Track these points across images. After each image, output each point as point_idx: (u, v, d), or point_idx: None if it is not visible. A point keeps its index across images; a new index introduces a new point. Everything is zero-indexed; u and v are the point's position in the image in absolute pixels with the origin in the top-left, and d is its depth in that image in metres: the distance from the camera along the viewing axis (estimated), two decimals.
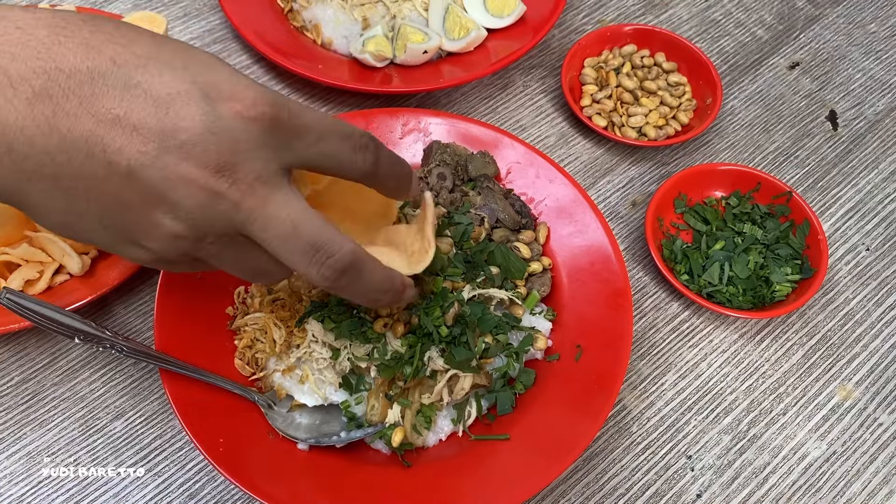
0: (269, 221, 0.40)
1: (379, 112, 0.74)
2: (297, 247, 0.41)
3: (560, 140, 0.83)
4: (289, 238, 0.41)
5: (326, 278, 0.43)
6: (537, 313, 0.66)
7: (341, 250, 0.42)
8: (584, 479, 0.63)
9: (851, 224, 0.79)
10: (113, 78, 0.37)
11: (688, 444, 0.65)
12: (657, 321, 0.72)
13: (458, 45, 0.82)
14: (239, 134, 0.39)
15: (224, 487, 0.61)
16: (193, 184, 0.38)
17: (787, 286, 0.70)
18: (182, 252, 0.41)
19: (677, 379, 0.69)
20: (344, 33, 0.83)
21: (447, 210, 0.68)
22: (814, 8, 0.96)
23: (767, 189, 0.75)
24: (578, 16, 0.93)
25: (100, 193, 0.38)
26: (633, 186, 0.80)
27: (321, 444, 0.59)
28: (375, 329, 0.59)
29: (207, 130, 0.38)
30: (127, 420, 0.64)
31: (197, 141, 0.38)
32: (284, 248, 0.41)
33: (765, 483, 0.64)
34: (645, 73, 0.85)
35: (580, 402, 0.59)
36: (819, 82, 0.89)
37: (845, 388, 0.69)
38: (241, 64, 0.86)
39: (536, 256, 0.68)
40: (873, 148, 0.84)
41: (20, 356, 0.66)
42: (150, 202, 0.38)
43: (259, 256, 0.43)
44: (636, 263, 0.75)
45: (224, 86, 0.39)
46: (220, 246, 0.41)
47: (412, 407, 0.59)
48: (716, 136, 0.84)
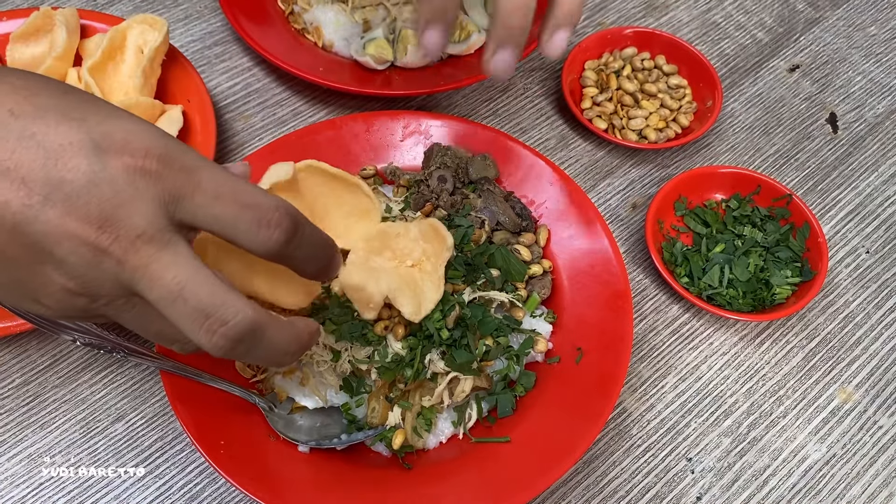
0: (153, 283, 0.37)
1: (380, 115, 0.75)
2: (184, 312, 0.38)
3: (560, 142, 0.83)
4: (174, 301, 0.37)
5: (220, 348, 0.39)
6: (538, 316, 0.66)
7: (236, 317, 0.38)
8: (584, 481, 0.63)
9: (851, 227, 0.79)
10: (8, 129, 0.36)
11: (688, 447, 0.65)
12: (657, 324, 0.72)
13: (459, 47, 0.83)
14: (123, 186, 0.36)
15: (225, 489, 0.61)
16: (76, 239, 0.36)
17: (788, 289, 0.70)
18: (82, 308, 0.39)
19: (677, 381, 0.69)
20: (345, 36, 0.83)
21: (447, 213, 0.68)
22: (814, 10, 0.96)
23: (768, 192, 0.75)
24: None
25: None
26: (633, 189, 0.80)
27: (322, 447, 0.59)
28: (376, 331, 0.59)
29: (91, 183, 0.36)
30: (128, 422, 0.64)
31: (80, 193, 0.36)
32: (172, 313, 0.38)
33: (765, 485, 0.64)
34: (645, 75, 0.85)
35: (580, 405, 0.60)
36: (819, 85, 0.89)
37: (845, 391, 0.69)
38: (242, 66, 0.86)
39: (537, 259, 0.68)
40: (873, 151, 0.84)
41: (21, 359, 0.66)
42: (39, 258, 0.37)
43: (159, 319, 0.40)
44: (636, 266, 0.75)
45: (117, 136, 0.37)
46: (117, 305, 0.39)
47: (413, 409, 0.60)
48: (716, 138, 0.84)
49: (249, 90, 0.85)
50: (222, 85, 0.85)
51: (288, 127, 0.82)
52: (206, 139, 0.71)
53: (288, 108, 0.84)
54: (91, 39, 0.76)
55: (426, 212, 0.68)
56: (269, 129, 0.82)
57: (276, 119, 0.83)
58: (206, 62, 0.86)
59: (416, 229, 0.60)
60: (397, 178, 0.72)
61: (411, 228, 0.60)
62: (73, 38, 0.73)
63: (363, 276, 0.55)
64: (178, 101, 0.75)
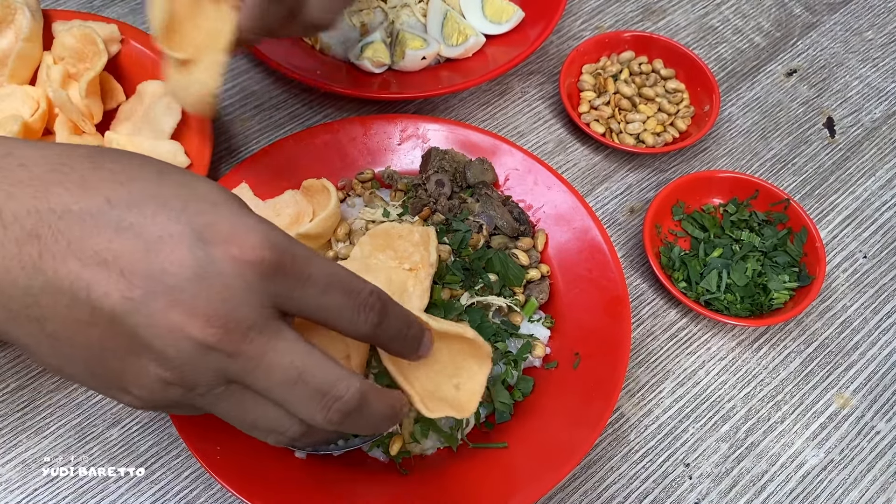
0: (270, 371, 0.37)
1: (377, 118, 0.74)
2: (304, 394, 0.38)
3: (558, 147, 0.83)
4: (295, 386, 0.38)
5: (334, 423, 0.40)
6: (535, 321, 0.66)
7: (348, 391, 0.39)
8: (581, 487, 0.63)
9: (849, 231, 0.79)
10: (105, 218, 0.36)
11: (686, 452, 0.65)
12: (655, 328, 0.72)
13: (457, 51, 0.82)
14: (232, 280, 0.36)
15: (221, 495, 0.61)
16: (180, 332, 0.35)
17: (785, 294, 0.70)
18: (174, 400, 0.39)
19: (675, 386, 0.68)
20: (342, 39, 0.83)
21: (445, 217, 0.68)
22: (811, 15, 0.96)
23: (765, 196, 0.75)
24: (576, 22, 0.93)
25: (85, 339, 0.36)
26: (630, 193, 0.80)
27: (319, 453, 0.59)
28: None
29: (196, 276, 0.35)
30: (123, 427, 0.63)
31: (185, 287, 0.35)
32: (291, 397, 0.38)
33: (763, 491, 0.64)
34: (643, 79, 0.85)
35: (578, 410, 0.59)
36: (816, 89, 0.90)
37: (843, 396, 0.69)
38: (239, 69, 0.86)
39: (535, 263, 0.68)
40: (870, 155, 0.84)
41: (16, 363, 0.66)
42: (135, 350, 0.36)
43: (260, 405, 0.40)
44: (634, 270, 0.75)
45: (222, 226, 0.37)
46: (215, 395, 0.39)
47: (410, 415, 0.59)
48: (713, 143, 0.84)
49: (246, 93, 0.84)
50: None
51: (285, 130, 0.82)
52: (202, 142, 0.71)
53: (285, 112, 0.83)
54: (67, 31, 0.74)
55: (424, 216, 0.68)
56: (266, 133, 0.81)
57: (273, 122, 0.82)
58: None
59: (418, 234, 0.61)
60: (395, 182, 0.72)
61: (414, 232, 0.61)
62: (37, 17, 0.72)
63: (359, 271, 0.56)
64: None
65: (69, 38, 0.71)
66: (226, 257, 0.36)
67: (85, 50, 0.72)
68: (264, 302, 0.37)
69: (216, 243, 0.36)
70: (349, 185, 0.73)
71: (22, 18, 0.71)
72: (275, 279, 0.37)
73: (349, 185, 0.73)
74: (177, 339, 0.36)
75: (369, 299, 0.41)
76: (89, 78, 0.69)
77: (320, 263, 0.40)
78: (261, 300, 0.37)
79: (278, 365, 0.38)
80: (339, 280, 0.40)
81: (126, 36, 0.77)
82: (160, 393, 0.38)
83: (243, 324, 0.36)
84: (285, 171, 0.71)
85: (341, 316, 0.40)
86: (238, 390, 0.39)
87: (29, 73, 0.73)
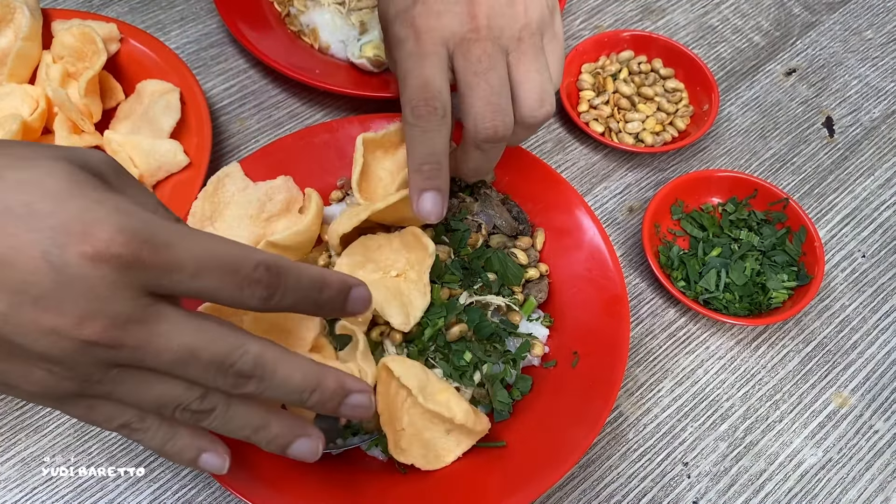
0: (159, 355, 0.38)
1: (376, 117, 0.74)
2: (199, 368, 0.39)
3: (557, 146, 0.83)
4: (188, 364, 0.38)
5: (237, 387, 0.40)
6: (534, 319, 0.66)
7: (242, 357, 0.39)
8: (580, 486, 0.63)
9: (848, 231, 0.79)
10: None
11: (684, 451, 0.65)
12: (654, 327, 0.72)
13: None
14: (93, 280, 0.35)
15: (220, 494, 0.61)
16: (57, 335, 0.35)
17: (784, 293, 0.70)
18: (73, 391, 0.39)
19: (674, 386, 0.69)
20: (341, 38, 0.83)
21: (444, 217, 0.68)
22: (810, 14, 0.96)
23: (764, 196, 0.75)
24: (575, 21, 0.93)
25: None
26: (629, 192, 0.80)
27: None
28: (372, 337, 0.59)
29: (57, 283, 0.35)
30: None
31: (49, 295, 0.35)
32: (187, 374, 0.39)
33: (761, 490, 0.64)
34: (642, 79, 0.85)
35: (577, 409, 0.59)
36: (815, 89, 0.90)
37: (841, 396, 0.69)
38: (237, 68, 0.86)
39: (533, 263, 0.68)
40: (869, 155, 0.84)
41: None
42: (15, 353, 0.36)
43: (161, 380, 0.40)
44: (633, 269, 0.75)
45: (73, 225, 0.35)
46: (112, 379, 0.39)
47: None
48: (713, 142, 0.84)
49: (245, 92, 0.84)
50: (218, 87, 0.84)
51: (284, 129, 0.82)
52: (201, 142, 0.71)
53: (284, 111, 0.83)
54: (67, 30, 0.74)
55: None
56: (266, 132, 0.81)
57: (272, 121, 0.82)
58: (201, 64, 0.86)
59: (398, 240, 0.60)
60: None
61: (393, 239, 0.61)
62: (36, 16, 0.72)
63: None
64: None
65: (68, 37, 0.72)
66: (81, 258, 0.35)
67: (84, 49, 0.72)
68: (134, 293, 0.36)
69: (68, 245, 0.35)
70: (348, 184, 0.73)
71: (21, 17, 0.71)
72: (136, 271, 0.36)
73: (348, 184, 0.73)
74: (56, 342, 0.36)
75: (254, 274, 0.39)
76: (88, 77, 0.69)
77: (189, 245, 0.38)
78: (130, 293, 0.36)
79: (166, 348, 0.38)
80: (214, 259, 0.38)
81: (125, 35, 0.77)
82: (54, 387, 0.38)
83: (119, 318, 0.36)
84: (284, 170, 0.71)
85: (222, 295, 0.39)
86: (135, 371, 0.39)
87: (28, 72, 0.73)
